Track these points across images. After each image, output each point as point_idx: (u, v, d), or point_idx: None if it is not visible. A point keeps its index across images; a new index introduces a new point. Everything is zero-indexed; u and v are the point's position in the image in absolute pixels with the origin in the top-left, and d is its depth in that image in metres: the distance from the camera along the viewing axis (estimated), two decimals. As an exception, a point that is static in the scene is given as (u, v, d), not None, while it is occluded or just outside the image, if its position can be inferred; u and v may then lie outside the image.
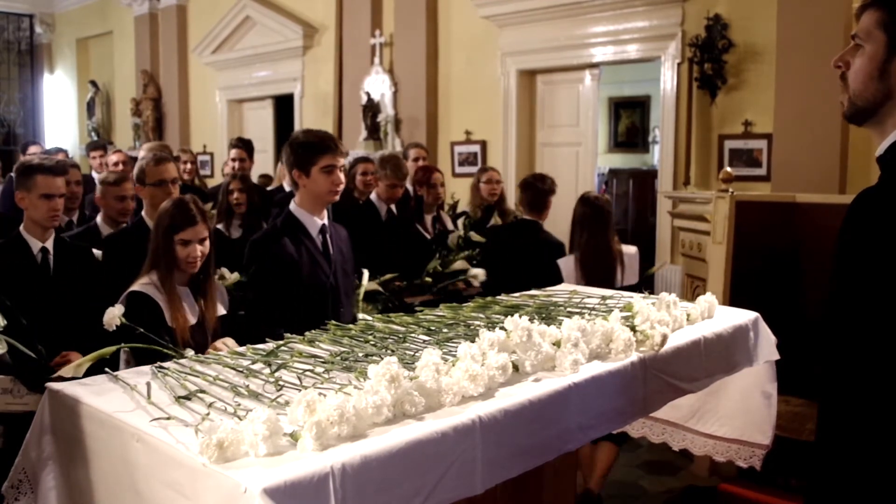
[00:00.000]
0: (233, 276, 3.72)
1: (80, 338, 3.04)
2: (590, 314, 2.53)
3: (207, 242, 2.87)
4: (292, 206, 3.14)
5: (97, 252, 3.49)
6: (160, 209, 2.93)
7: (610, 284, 3.84)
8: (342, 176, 3.09)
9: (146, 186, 3.56)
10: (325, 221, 3.15)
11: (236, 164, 5.82)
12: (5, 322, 2.42)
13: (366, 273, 3.46)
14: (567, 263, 4.09)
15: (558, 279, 3.85)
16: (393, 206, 4.91)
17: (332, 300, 3.11)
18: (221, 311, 2.97)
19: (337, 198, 3.15)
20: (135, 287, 2.76)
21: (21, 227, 3.21)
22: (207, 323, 2.85)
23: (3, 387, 2.74)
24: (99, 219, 4.00)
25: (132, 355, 2.55)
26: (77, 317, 3.10)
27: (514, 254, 4.35)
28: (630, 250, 4.23)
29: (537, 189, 4.42)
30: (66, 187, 3.35)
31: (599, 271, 4.02)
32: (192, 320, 2.82)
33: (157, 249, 2.82)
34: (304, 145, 3.05)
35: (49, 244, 3.22)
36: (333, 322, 2.51)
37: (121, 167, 5.78)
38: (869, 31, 1.49)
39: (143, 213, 3.60)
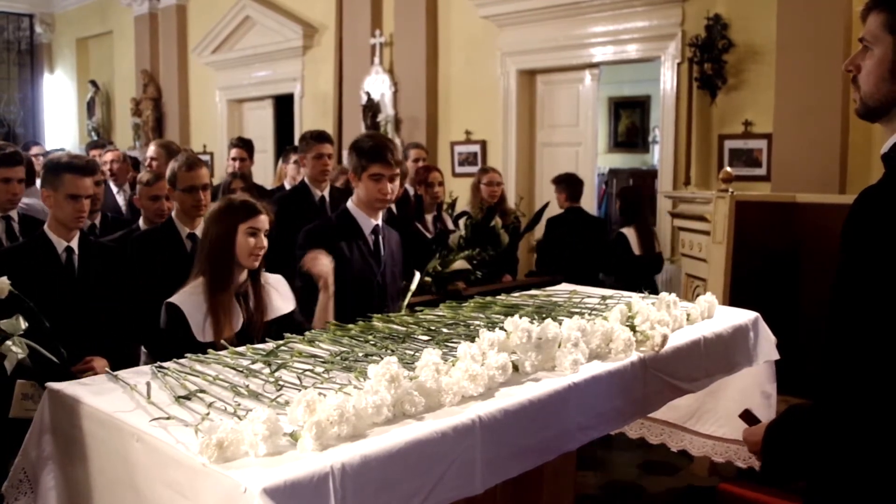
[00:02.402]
0: None
1: (105, 341, 3.02)
2: (590, 314, 2.53)
3: (266, 239, 2.69)
4: (349, 204, 3.22)
5: None
6: (216, 207, 2.73)
7: (654, 249, 5.71)
8: (390, 186, 3.13)
9: (176, 191, 3.48)
10: (379, 223, 3.23)
11: (237, 164, 5.81)
12: (27, 324, 2.38)
13: (417, 275, 3.44)
14: (630, 233, 5.67)
15: (626, 244, 5.60)
16: (393, 206, 4.91)
17: (379, 299, 3.17)
18: (282, 309, 2.76)
19: (384, 206, 3.24)
20: (173, 297, 2.58)
21: (45, 226, 3.12)
22: (255, 328, 2.63)
23: (24, 391, 2.66)
24: (141, 221, 3.93)
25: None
26: (102, 319, 3.06)
27: (572, 234, 5.73)
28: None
29: (574, 184, 5.85)
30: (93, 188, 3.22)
31: (649, 238, 5.72)
32: (232, 330, 2.59)
33: (213, 249, 2.62)
34: (359, 150, 3.15)
35: (74, 243, 3.11)
36: (333, 322, 2.51)
37: (115, 166, 5.80)
38: (876, 35, 1.51)
39: (172, 214, 3.54)
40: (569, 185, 5.82)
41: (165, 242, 3.44)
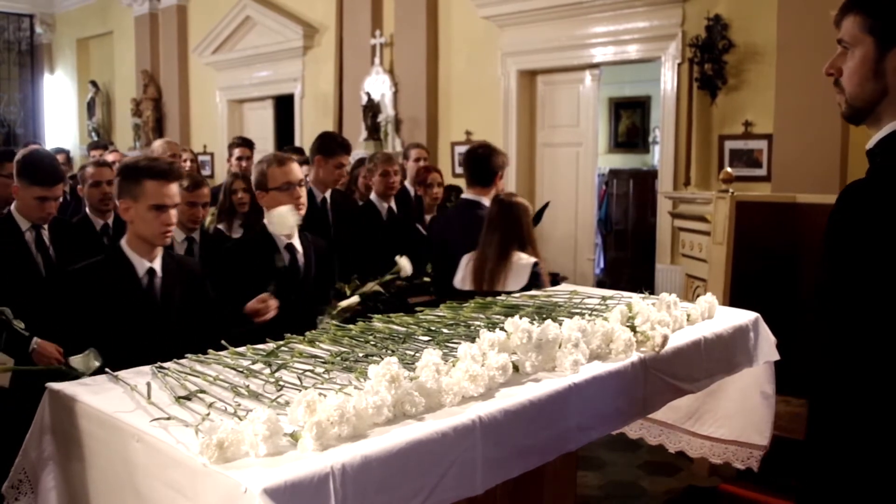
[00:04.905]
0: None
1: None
2: (590, 315, 2.53)
3: None
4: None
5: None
6: (520, 209, 3.46)
7: None
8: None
9: (269, 192, 3.19)
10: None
11: (243, 163, 5.80)
12: (99, 363, 2.25)
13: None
14: None
15: None
16: (393, 205, 4.91)
17: None
18: None
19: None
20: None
21: (123, 242, 2.73)
22: None
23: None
24: None
25: None
26: (187, 347, 2.62)
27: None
28: None
29: None
30: (109, 187, 2.95)
31: None
32: None
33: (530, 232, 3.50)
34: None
35: (157, 264, 2.72)
36: (334, 322, 2.52)
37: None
38: (855, 36, 1.53)
39: (265, 221, 3.24)
40: None
41: (260, 252, 3.16)
